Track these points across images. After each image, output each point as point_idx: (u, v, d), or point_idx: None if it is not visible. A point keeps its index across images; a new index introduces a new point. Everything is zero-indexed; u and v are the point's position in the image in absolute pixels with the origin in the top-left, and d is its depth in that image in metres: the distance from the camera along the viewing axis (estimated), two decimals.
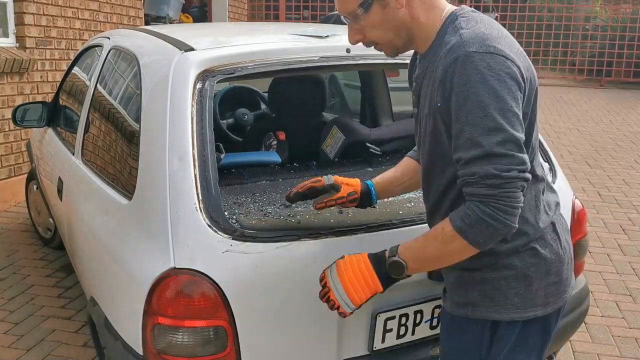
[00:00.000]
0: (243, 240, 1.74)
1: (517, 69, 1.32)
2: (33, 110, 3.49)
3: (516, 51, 1.37)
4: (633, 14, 12.94)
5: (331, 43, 2.25)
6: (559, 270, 1.49)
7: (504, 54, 1.32)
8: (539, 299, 1.47)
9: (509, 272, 1.45)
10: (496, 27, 1.41)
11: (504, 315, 1.46)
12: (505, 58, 1.31)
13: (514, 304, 1.46)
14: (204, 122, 1.85)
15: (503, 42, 1.35)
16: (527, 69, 1.38)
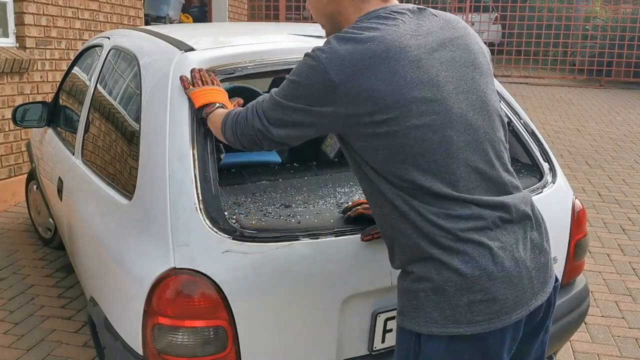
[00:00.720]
0: (243, 240, 1.74)
1: (327, 78, 1.37)
2: (33, 110, 3.49)
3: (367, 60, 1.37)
4: (633, 14, 12.95)
5: None
6: (489, 289, 1.37)
7: (323, 61, 1.38)
8: (462, 316, 1.37)
9: (427, 284, 1.40)
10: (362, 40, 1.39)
11: (423, 329, 1.41)
12: (319, 64, 1.38)
13: (433, 318, 1.40)
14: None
15: (339, 54, 1.37)
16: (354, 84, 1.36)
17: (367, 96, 1.36)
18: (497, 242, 1.40)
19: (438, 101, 1.40)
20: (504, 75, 12.88)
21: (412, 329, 1.44)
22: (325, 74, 1.37)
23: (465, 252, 1.38)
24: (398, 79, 1.37)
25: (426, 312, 1.41)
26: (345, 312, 1.85)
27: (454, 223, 1.39)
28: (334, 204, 2.00)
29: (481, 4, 14.22)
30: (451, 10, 13.95)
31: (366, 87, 1.36)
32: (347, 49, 1.37)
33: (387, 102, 1.36)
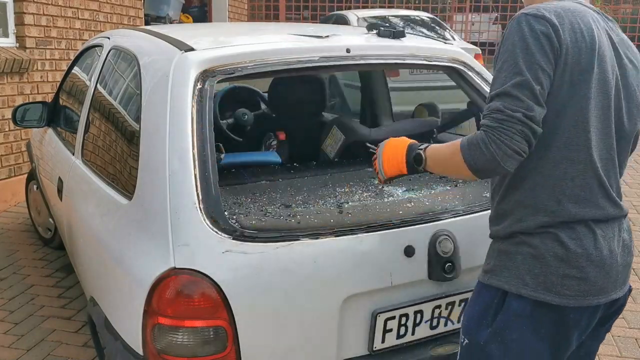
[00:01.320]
0: (243, 240, 1.74)
1: (553, 33, 1.43)
2: (33, 110, 3.49)
3: (574, 24, 1.47)
4: (633, 14, 12.95)
5: (331, 43, 2.25)
6: (584, 269, 1.48)
7: (546, 18, 1.44)
8: (553, 286, 1.48)
9: (528, 249, 1.51)
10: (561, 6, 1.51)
11: (513, 288, 1.52)
12: (545, 21, 1.43)
13: (525, 281, 1.50)
14: (204, 122, 1.85)
15: (557, 14, 1.46)
16: (575, 42, 1.44)
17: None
18: (601, 230, 1.51)
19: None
20: None
21: (499, 287, 1.54)
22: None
23: (574, 229, 1.48)
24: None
25: (519, 274, 1.51)
26: (345, 312, 1.85)
27: (576, 198, 1.49)
28: (334, 204, 2.00)
29: (481, 4, 14.20)
30: (451, 10, 13.96)
31: None
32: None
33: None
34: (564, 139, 1.47)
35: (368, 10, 10.81)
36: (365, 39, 2.41)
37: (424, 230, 1.92)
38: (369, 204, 2.00)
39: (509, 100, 1.40)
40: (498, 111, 1.41)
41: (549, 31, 1.43)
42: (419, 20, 8.89)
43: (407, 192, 2.14)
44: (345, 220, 1.88)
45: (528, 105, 1.40)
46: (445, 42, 2.62)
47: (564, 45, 1.43)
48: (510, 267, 1.53)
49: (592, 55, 1.46)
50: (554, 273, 1.48)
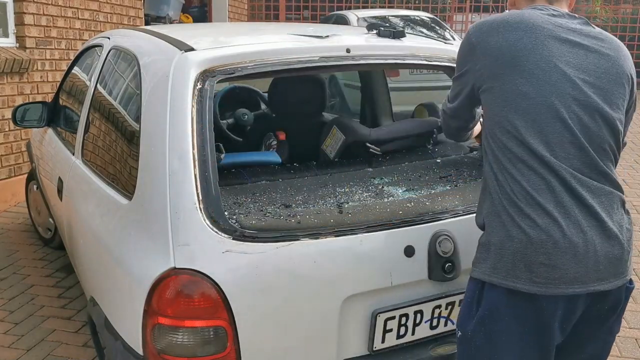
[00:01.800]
0: (243, 240, 1.74)
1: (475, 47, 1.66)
2: (33, 110, 3.49)
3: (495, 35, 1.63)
4: (633, 14, 12.94)
5: (331, 43, 2.25)
6: (552, 255, 1.49)
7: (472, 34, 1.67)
8: (521, 272, 1.51)
9: (497, 238, 1.56)
10: (504, 17, 1.66)
11: (487, 278, 1.57)
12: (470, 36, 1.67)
13: (497, 270, 1.55)
14: (204, 122, 1.85)
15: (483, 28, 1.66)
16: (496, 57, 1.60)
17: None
18: (570, 218, 1.51)
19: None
20: None
21: (478, 277, 1.60)
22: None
23: (535, 219, 1.51)
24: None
25: (492, 263, 1.57)
26: (345, 312, 1.85)
27: (537, 187, 1.52)
28: (334, 204, 2.00)
29: (481, 4, 14.20)
30: (451, 10, 13.96)
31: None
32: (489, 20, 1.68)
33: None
34: (513, 140, 1.55)
35: (368, 10, 10.81)
36: (365, 39, 2.41)
37: (424, 230, 1.92)
38: (369, 204, 2.00)
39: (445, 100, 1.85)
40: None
41: (472, 45, 1.64)
42: (419, 20, 8.89)
43: (407, 192, 2.14)
44: (345, 220, 1.88)
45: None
46: (445, 42, 2.62)
47: (483, 59, 1.62)
48: (485, 257, 1.59)
49: (514, 67, 1.56)
50: (521, 260, 1.51)
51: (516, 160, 1.54)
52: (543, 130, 1.52)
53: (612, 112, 1.58)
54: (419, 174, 2.33)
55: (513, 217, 1.53)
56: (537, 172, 1.52)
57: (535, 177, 1.52)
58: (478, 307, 1.59)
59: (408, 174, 2.35)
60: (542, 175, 1.52)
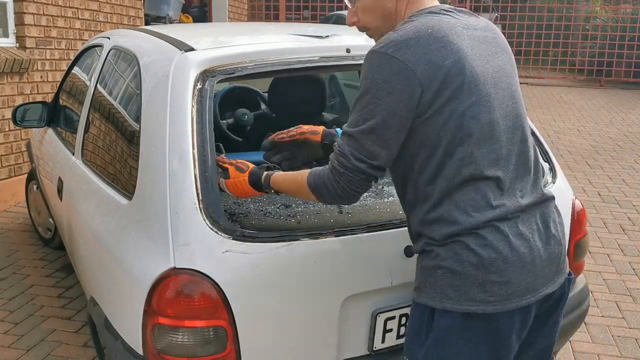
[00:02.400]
0: (243, 240, 1.74)
1: (410, 72, 1.41)
2: (33, 110, 3.48)
3: (426, 53, 1.43)
4: (633, 14, 12.94)
5: (331, 43, 2.25)
6: (504, 272, 1.45)
7: (398, 57, 1.42)
8: (476, 295, 1.45)
9: (442, 262, 1.48)
10: (422, 28, 1.46)
11: (438, 304, 1.49)
12: (398, 60, 1.42)
13: (448, 295, 1.48)
14: (204, 122, 1.85)
15: (410, 46, 1.43)
16: (437, 69, 1.42)
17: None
18: (515, 229, 1.48)
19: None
20: None
21: (427, 304, 1.51)
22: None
23: (484, 236, 1.45)
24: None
25: (442, 289, 1.48)
26: (345, 312, 1.85)
27: (478, 207, 1.46)
28: None
29: (481, 4, 14.20)
30: None
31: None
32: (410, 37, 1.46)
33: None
34: (444, 155, 1.46)
35: None
36: (365, 39, 2.40)
37: None
38: (369, 204, 2.00)
39: (356, 146, 1.46)
40: (344, 156, 1.48)
41: (400, 70, 1.41)
42: None
43: None
44: (345, 220, 1.88)
45: (373, 154, 1.46)
46: None
47: (420, 80, 1.41)
48: (432, 283, 1.51)
49: (447, 75, 1.43)
50: (473, 282, 1.45)
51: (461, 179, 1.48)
52: (487, 147, 1.48)
53: (518, 105, 1.58)
54: None
55: (459, 238, 1.46)
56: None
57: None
58: (428, 333, 1.52)
59: None
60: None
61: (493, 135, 1.49)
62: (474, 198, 1.46)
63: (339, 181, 1.50)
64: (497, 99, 1.51)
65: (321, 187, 1.54)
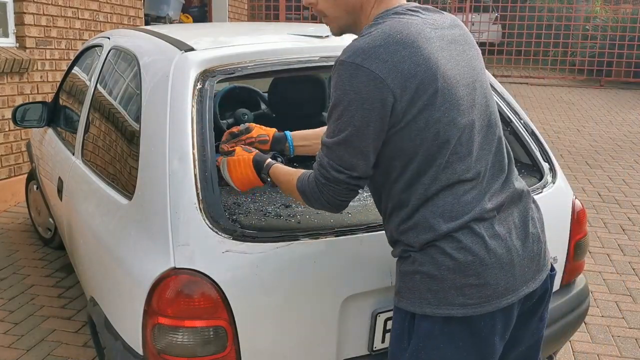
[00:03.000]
0: (243, 240, 1.74)
1: (381, 82, 1.37)
2: (33, 110, 3.48)
3: (397, 62, 1.38)
4: (633, 14, 12.94)
5: (331, 43, 2.25)
6: (481, 274, 1.44)
7: (367, 67, 1.37)
8: (454, 298, 1.45)
9: (420, 267, 1.47)
10: (391, 34, 1.41)
11: (417, 309, 1.49)
12: (368, 70, 1.37)
13: (427, 299, 1.47)
14: (204, 122, 1.85)
15: (379, 54, 1.38)
16: (409, 77, 1.38)
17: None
18: (491, 230, 1.47)
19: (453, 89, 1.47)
20: (504, 75, 12.88)
21: (407, 309, 1.51)
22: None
23: (460, 239, 1.44)
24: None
25: (421, 294, 1.48)
26: (345, 312, 1.85)
27: (454, 211, 1.45)
28: None
29: (481, 4, 14.21)
30: (451, 10, 13.95)
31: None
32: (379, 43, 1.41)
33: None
34: (421, 163, 1.44)
35: None
36: None
37: None
38: (369, 204, 2.00)
39: (334, 157, 1.45)
40: (323, 168, 1.47)
41: (370, 80, 1.37)
42: None
43: None
44: (345, 220, 1.88)
45: (351, 165, 1.45)
46: None
47: (392, 90, 1.37)
48: (411, 288, 1.50)
49: (420, 84, 1.39)
50: (451, 286, 1.45)
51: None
52: (458, 150, 1.46)
53: (491, 102, 1.57)
54: None
55: (435, 243, 1.45)
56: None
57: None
58: (410, 338, 1.51)
59: None
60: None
61: (470, 138, 1.47)
62: (450, 202, 1.45)
63: (323, 191, 1.50)
64: (471, 100, 1.48)
65: (308, 194, 1.55)
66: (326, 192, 1.49)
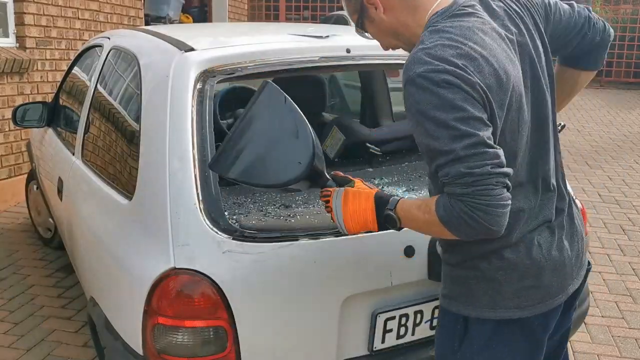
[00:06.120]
0: (243, 240, 1.74)
1: (468, 79, 1.28)
2: (33, 111, 3.48)
3: (479, 58, 1.31)
4: (633, 14, 12.94)
5: (331, 43, 2.25)
6: (538, 277, 1.47)
7: (453, 65, 1.28)
8: (511, 301, 1.47)
9: (477, 272, 1.48)
10: (461, 34, 1.34)
11: (472, 312, 1.50)
12: (454, 69, 1.28)
13: (483, 303, 1.48)
14: (204, 122, 1.85)
15: (458, 53, 1.30)
16: (494, 76, 1.32)
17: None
18: (546, 236, 1.49)
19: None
20: None
21: (460, 312, 1.51)
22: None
23: (518, 244, 1.45)
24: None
25: (476, 297, 1.49)
26: (345, 312, 1.85)
27: (515, 218, 1.42)
28: None
29: None
30: None
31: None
32: (451, 53, 1.30)
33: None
34: (515, 165, 1.41)
35: None
36: (366, 39, 2.41)
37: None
38: None
39: (466, 160, 1.24)
40: (464, 175, 1.24)
41: (455, 80, 1.27)
42: None
43: (407, 192, 2.14)
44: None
45: (491, 155, 1.25)
46: None
47: (477, 84, 1.28)
48: (465, 292, 1.50)
49: (500, 81, 1.33)
50: (508, 290, 1.46)
51: None
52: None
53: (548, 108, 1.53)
54: (419, 174, 2.33)
55: (493, 247, 1.45)
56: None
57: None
58: (461, 340, 1.52)
59: (408, 174, 2.35)
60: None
61: (538, 143, 1.49)
62: (512, 209, 1.33)
63: (473, 202, 1.25)
64: (529, 100, 1.46)
65: (457, 221, 1.29)
66: (479, 201, 1.25)
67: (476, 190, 1.24)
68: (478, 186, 1.24)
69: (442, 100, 1.26)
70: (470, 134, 1.25)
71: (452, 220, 1.29)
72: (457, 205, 1.27)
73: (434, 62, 1.28)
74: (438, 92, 1.26)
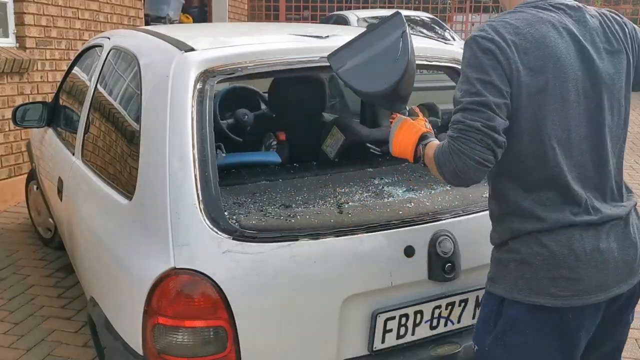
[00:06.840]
0: (243, 240, 1.74)
1: (507, 53, 1.47)
2: (33, 111, 3.49)
3: (532, 42, 1.49)
4: (633, 14, 12.95)
5: (331, 43, 2.25)
6: (575, 269, 1.50)
7: (501, 38, 1.48)
8: (545, 288, 1.51)
9: (515, 255, 1.55)
10: (528, 20, 1.52)
11: (508, 294, 1.56)
12: (500, 40, 1.48)
13: (518, 286, 1.54)
14: (204, 122, 1.85)
15: (514, 32, 1.50)
16: (541, 60, 1.48)
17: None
18: (590, 230, 1.52)
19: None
20: None
21: (497, 294, 1.59)
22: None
23: (558, 232, 1.51)
24: None
25: (513, 280, 1.55)
26: (345, 312, 1.85)
27: (553, 203, 1.51)
28: (334, 204, 2.00)
29: (481, 4, 14.20)
30: (451, 10, 13.96)
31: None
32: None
33: None
34: (531, 152, 1.51)
35: (368, 10, 10.82)
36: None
37: (424, 231, 1.92)
38: (369, 204, 2.00)
39: (469, 112, 1.46)
40: (458, 122, 1.46)
41: (496, 50, 1.47)
42: (419, 20, 8.89)
43: (407, 192, 2.14)
44: (345, 220, 1.88)
45: (487, 116, 1.44)
46: (446, 42, 2.62)
47: (512, 62, 1.47)
48: (504, 274, 1.58)
49: (545, 67, 1.49)
50: (544, 276, 1.51)
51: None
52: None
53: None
54: (419, 174, 2.33)
55: (534, 233, 1.52)
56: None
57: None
58: (497, 322, 1.59)
59: (408, 174, 2.35)
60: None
61: (594, 147, 1.56)
62: (554, 198, 1.51)
63: (454, 146, 1.47)
64: (581, 101, 1.54)
65: (442, 156, 1.51)
66: (461, 146, 1.46)
67: (461, 136, 1.45)
68: (464, 134, 1.44)
69: (476, 61, 1.48)
70: (480, 94, 1.45)
71: (439, 156, 1.52)
72: (446, 145, 1.49)
73: (489, 31, 1.50)
74: (477, 54, 1.48)
